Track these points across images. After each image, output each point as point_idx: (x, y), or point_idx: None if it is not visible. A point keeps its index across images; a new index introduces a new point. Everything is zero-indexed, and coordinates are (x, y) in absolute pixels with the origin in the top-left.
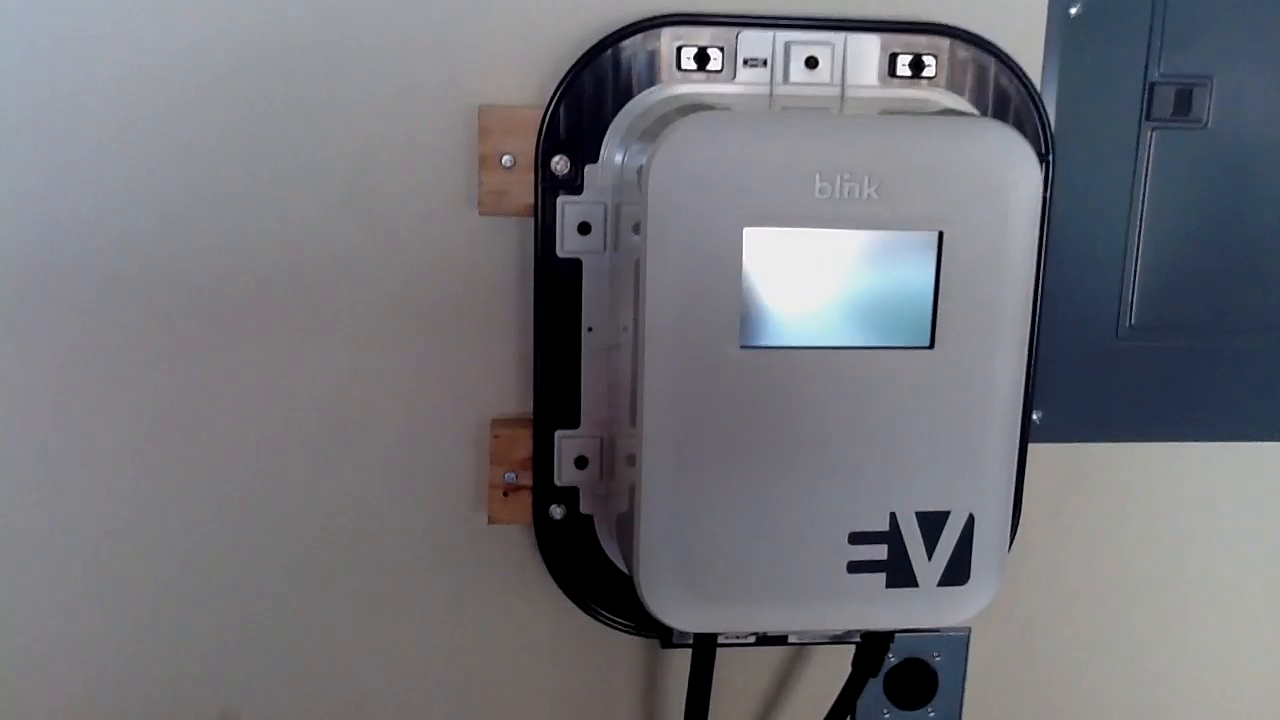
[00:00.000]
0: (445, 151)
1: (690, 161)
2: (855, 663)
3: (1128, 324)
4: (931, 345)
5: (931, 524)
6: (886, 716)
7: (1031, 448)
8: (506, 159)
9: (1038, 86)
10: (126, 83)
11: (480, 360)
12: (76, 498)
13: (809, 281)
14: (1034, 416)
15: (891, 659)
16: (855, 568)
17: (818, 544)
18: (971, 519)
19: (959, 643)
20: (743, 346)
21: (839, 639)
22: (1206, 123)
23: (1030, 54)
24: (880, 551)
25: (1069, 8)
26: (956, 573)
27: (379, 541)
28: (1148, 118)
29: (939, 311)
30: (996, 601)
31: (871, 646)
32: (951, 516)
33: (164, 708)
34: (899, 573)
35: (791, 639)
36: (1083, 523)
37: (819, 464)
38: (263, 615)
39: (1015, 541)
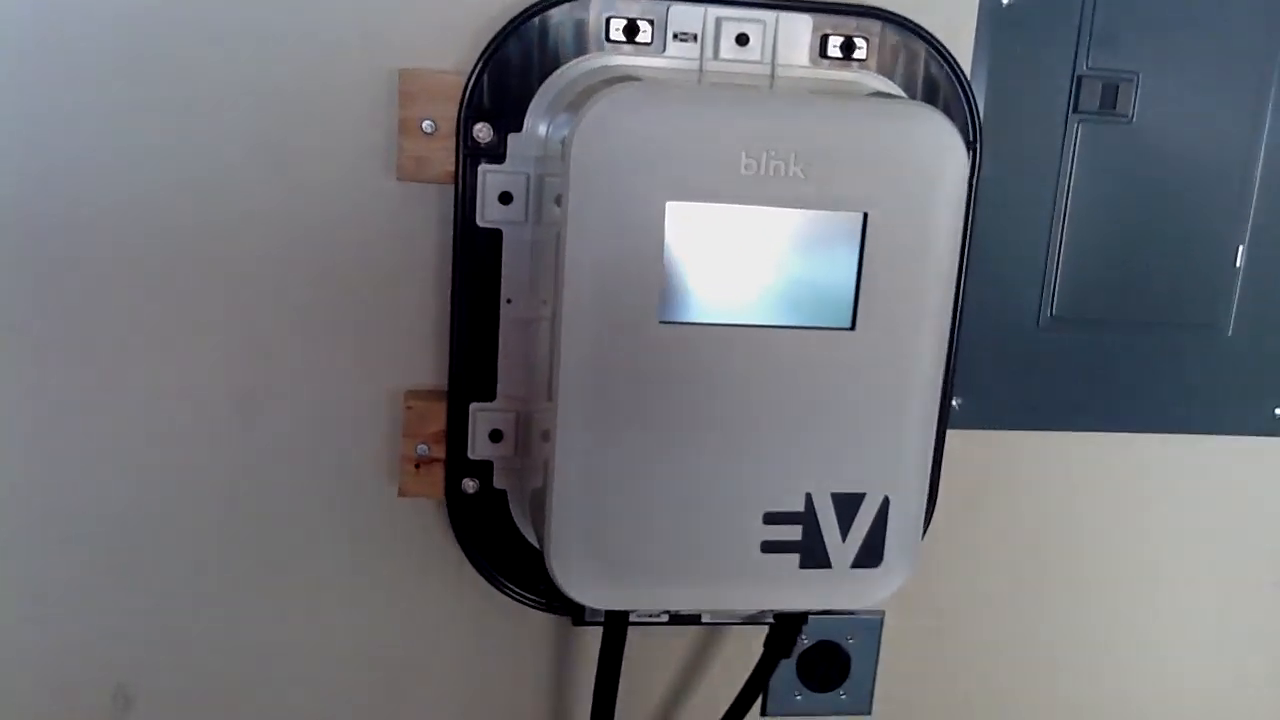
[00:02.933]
0: (365, 116)
1: (614, 134)
2: (767, 643)
3: (1049, 314)
4: (852, 327)
5: (847, 506)
6: (798, 698)
7: (950, 434)
8: (427, 124)
9: (968, 74)
10: (34, 32)
11: (397, 330)
12: None
13: (731, 258)
14: (953, 403)
15: (805, 641)
16: (769, 548)
17: (732, 523)
18: (887, 502)
19: (872, 626)
20: (662, 321)
21: (753, 619)
22: (1132, 118)
23: (961, 42)
24: (795, 532)
25: None
26: (870, 555)
27: (288, 512)
28: (1075, 110)
29: (861, 293)
30: (911, 586)
31: (784, 627)
32: (867, 499)
33: (58, 680)
34: (812, 554)
35: (705, 618)
36: (1000, 510)
37: (735, 442)
38: (162, 586)
39: (931, 527)
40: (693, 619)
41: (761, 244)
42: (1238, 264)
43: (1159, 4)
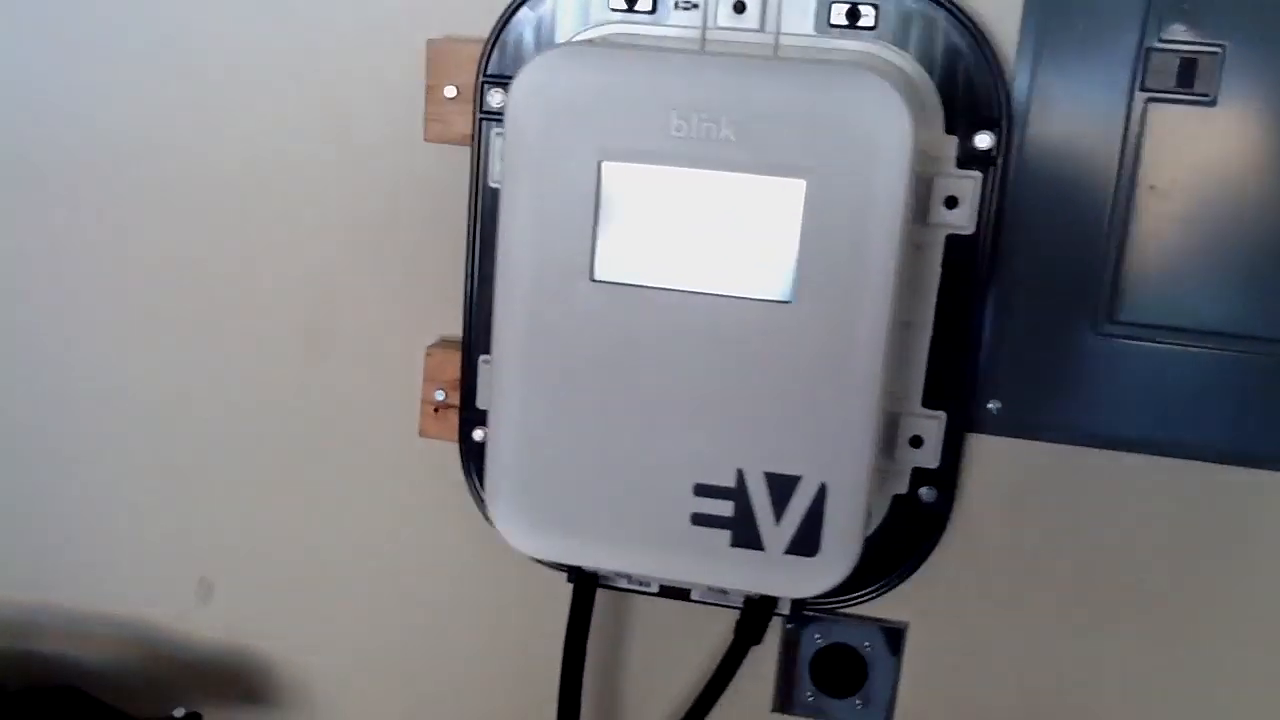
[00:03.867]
0: (408, 83)
1: (548, 94)
2: (737, 628)
3: (1108, 317)
4: (791, 300)
5: (781, 487)
6: (810, 699)
7: (987, 440)
8: (450, 90)
9: (998, 43)
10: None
11: (434, 281)
12: (86, 378)
13: (666, 220)
14: (990, 406)
15: (818, 640)
16: (699, 520)
17: (660, 490)
18: (824, 488)
19: (893, 635)
20: (594, 280)
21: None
22: (1215, 98)
23: (1006, 12)
24: (726, 508)
25: None
26: (805, 542)
27: (338, 440)
28: (1143, 88)
29: (801, 265)
30: (939, 600)
31: (753, 613)
32: (802, 483)
33: (150, 570)
34: (744, 533)
35: (694, 595)
36: (1040, 527)
37: (666, 408)
38: (237, 492)
39: (962, 536)
40: (682, 594)
41: (697, 208)
42: None
43: None
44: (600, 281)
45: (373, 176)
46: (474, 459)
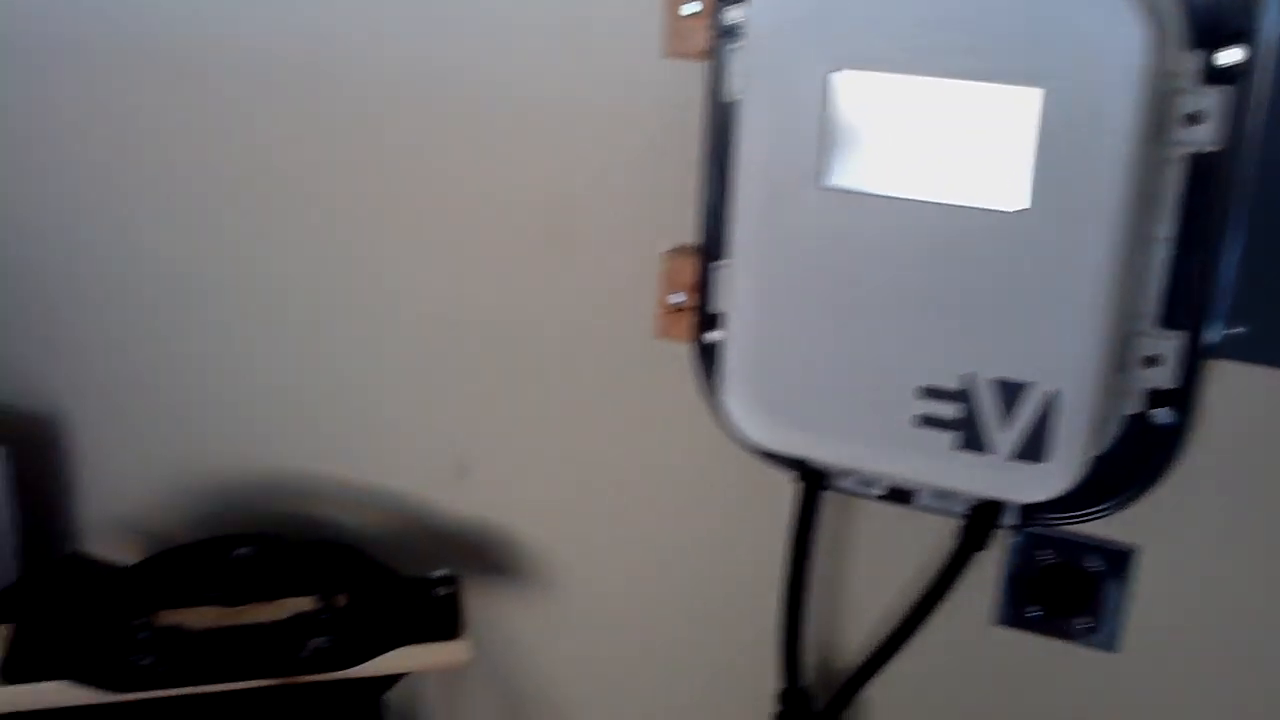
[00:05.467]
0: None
1: (786, 4)
2: (963, 532)
3: None
4: (1024, 208)
5: (1009, 393)
6: (1034, 615)
7: (1229, 366)
8: (689, 7)
9: None
10: None
11: (668, 189)
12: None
13: (899, 129)
14: (1236, 330)
15: (1047, 557)
16: (925, 422)
17: (887, 391)
18: (1053, 395)
19: (1123, 557)
20: (824, 187)
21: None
22: None
23: None
24: (951, 410)
25: None
26: (1033, 448)
27: (576, 340)
28: None
29: (1037, 174)
30: (1171, 527)
31: (979, 517)
32: (1032, 389)
33: (414, 450)
34: (970, 435)
35: (918, 501)
36: None
37: (893, 312)
38: (491, 379)
39: (1195, 459)
40: (906, 498)
41: (930, 116)
42: None
43: None
44: (830, 188)
45: (614, 89)
46: (706, 361)
